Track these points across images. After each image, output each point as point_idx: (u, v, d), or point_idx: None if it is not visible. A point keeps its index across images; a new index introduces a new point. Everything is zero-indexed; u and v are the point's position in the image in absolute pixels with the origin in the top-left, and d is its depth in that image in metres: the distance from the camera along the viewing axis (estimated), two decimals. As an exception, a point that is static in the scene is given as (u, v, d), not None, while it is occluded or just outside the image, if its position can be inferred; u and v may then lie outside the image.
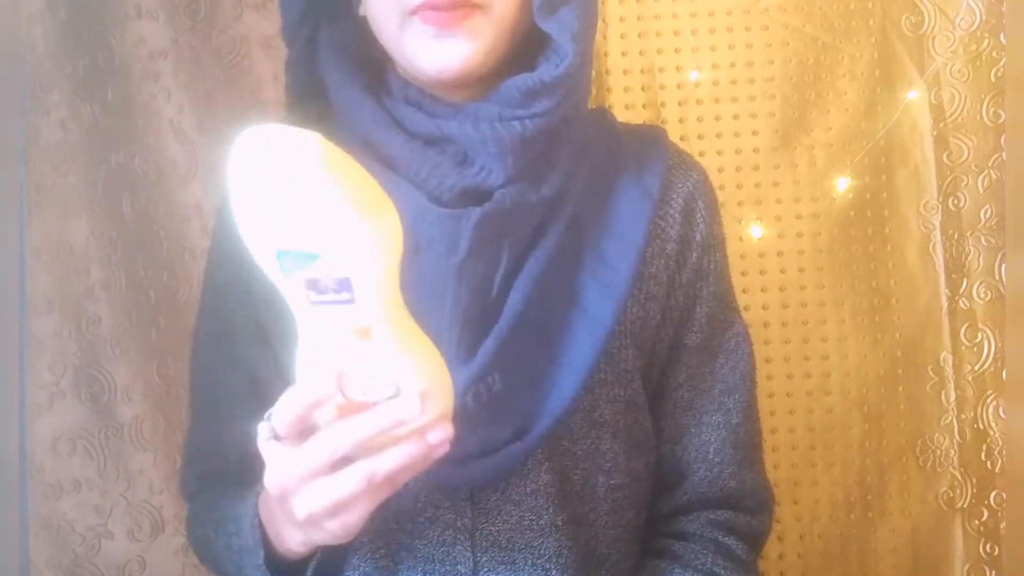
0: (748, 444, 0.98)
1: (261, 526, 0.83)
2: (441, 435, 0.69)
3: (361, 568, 0.90)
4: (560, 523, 0.89)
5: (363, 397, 0.68)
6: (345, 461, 0.69)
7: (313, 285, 0.65)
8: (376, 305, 0.66)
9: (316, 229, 0.63)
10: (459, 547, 0.88)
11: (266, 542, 0.83)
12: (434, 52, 0.84)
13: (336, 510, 0.71)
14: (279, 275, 0.66)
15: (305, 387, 0.70)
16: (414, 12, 0.83)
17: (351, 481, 0.69)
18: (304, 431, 0.70)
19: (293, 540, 0.79)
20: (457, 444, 0.79)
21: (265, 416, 0.71)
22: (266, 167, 0.63)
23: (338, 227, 0.63)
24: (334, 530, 0.72)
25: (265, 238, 0.65)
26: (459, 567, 0.88)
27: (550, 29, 0.85)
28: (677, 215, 0.94)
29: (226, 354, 0.97)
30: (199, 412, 1.01)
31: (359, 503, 0.71)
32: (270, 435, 0.71)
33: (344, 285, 0.64)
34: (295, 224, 0.63)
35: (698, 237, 0.95)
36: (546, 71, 0.84)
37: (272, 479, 0.71)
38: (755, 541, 0.98)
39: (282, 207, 0.63)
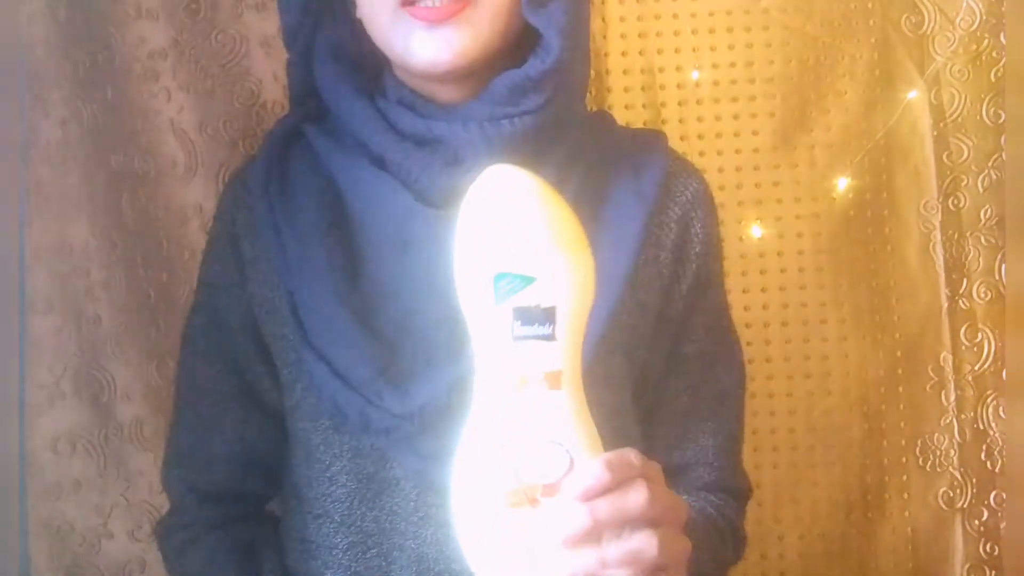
0: (739, 442, 1.01)
1: None
2: None
3: (353, 568, 0.90)
4: (551, 520, 0.89)
5: (542, 479, 0.72)
6: None
7: (521, 315, 0.71)
8: (570, 348, 0.72)
9: (534, 255, 0.71)
10: (452, 546, 0.88)
11: None
12: (425, 44, 0.84)
13: None
14: (491, 302, 0.72)
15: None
16: (404, 4, 0.83)
17: None
18: None
19: None
20: (440, 443, 0.79)
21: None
22: (498, 200, 0.73)
23: (552, 254, 0.71)
24: None
25: (486, 263, 0.72)
26: (453, 565, 0.88)
27: (537, 23, 0.85)
28: (673, 224, 0.94)
29: (216, 346, 0.97)
30: (185, 405, 1.02)
31: None
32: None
33: (549, 317, 0.71)
34: (516, 250, 0.71)
35: (697, 247, 0.95)
36: (533, 66, 0.84)
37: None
38: (740, 521, 1.01)
39: (507, 235, 0.71)
